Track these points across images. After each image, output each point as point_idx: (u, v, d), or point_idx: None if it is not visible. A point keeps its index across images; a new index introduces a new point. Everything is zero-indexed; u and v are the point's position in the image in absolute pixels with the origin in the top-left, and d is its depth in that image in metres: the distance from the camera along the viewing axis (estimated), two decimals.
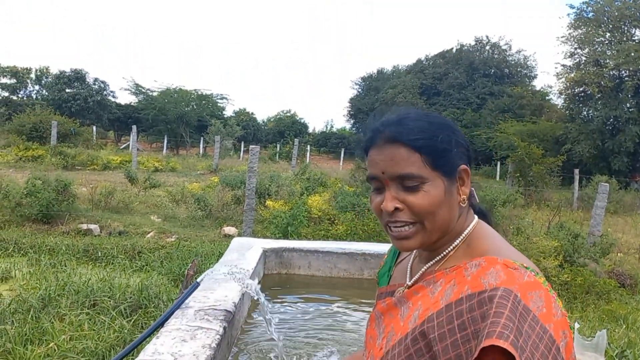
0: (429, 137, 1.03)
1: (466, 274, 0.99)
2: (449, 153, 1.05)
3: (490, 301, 0.89)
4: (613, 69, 28.06)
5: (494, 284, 0.92)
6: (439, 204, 1.03)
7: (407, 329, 1.02)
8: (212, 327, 2.38)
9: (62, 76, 37.35)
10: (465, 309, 0.92)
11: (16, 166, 15.78)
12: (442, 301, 0.98)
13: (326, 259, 4.42)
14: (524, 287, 0.91)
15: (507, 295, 0.89)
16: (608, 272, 7.48)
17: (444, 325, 0.93)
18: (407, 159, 1.03)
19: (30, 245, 7.21)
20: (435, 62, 46.43)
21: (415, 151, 1.03)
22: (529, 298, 0.90)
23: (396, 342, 1.03)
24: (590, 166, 27.52)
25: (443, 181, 1.04)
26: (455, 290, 0.97)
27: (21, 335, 3.47)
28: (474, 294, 0.92)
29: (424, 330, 0.96)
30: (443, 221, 1.05)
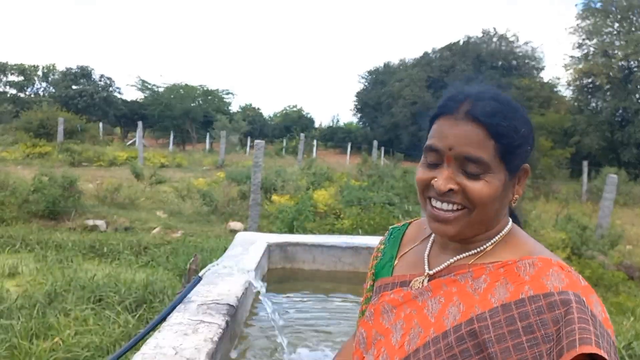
0: (511, 128, 0.97)
1: (521, 273, 0.93)
2: (521, 149, 0.99)
3: (563, 305, 0.85)
4: (622, 59, 27.83)
5: (559, 287, 0.89)
6: (495, 197, 0.98)
7: (444, 327, 0.95)
8: (215, 321, 2.37)
9: (68, 73, 37.57)
10: (532, 311, 0.87)
11: (23, 163, 15.86)
12: (494, 300, 0.92)
13: (331, 253, 4.40)
14: (585, 292, 0.89)
15: (581, 300, 0.86)
16: (616, 264, 7.42)
17: (502, 326, 0.88)
18: (482, 142, 0.95)
19: (37, 241, 7.24)
20: (442, 54, 46.22)
21: (492, 137, 0.95)
22: (592, 302, 0.88)
23: (429, 340, 0.95)
24: (599, 158, 27.34)
25: (505, 175, 0.98)
26: (512, 290, 0.91)
27: (27, 330, 3.49)
28: (539, 296, 0.88)
29: (474, 330, 0.90)
30: (490, 216, 1.00)
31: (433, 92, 43.22)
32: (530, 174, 1.04)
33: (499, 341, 0.87)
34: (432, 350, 0.94)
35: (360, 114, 53.70)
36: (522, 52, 44.40)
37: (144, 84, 37.66)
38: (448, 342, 0.92)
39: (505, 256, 0.99)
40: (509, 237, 1.04)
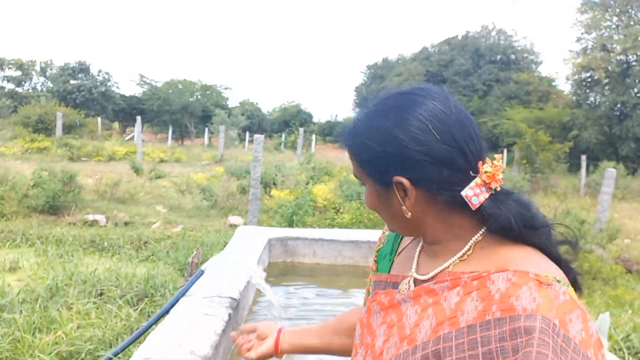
0: (355, 144, 1.02)
1: (492, 289, 0.88)
2: (371, 164, 0.99)
3: (527, 334, 0.80)
4: (620, 53, 27.82)
5: (528, 308, 0.82)
6: (374, 206, 1.04)
7: (415, 341, 0.93)
8: (217, 313, 2.39)
9: (66, 68, 37.48)
10: (494, 337, 0.83)
11: (22, 158, 15.85)
12: (462, 319, 0.88)
13: (331, 247, 4.43)
14: (561, 311, 0.82)
15: (547, 327, 0.79)
16: (615, 258, 7.46)
17: (465, 349, 0.85)
18: (353, 163, 1.05)
19: (37, 236, 7.25)
20: (441, 49, 46.15)
21: (351, 156, 1.04)
22: (568, 323, 0.81)
23: (401, 352, 0.94)
24: (597, 152, 27.37)
25: (376, 188, 1.01)
26: (479, 309, 0.87)
27: (29, 324, 3.50)
28: (505, 319, 0.83)
29: (438, 350, 0.88)
30: (392, 222, 1.04)
31: None
32: (407, 184, 0.95)
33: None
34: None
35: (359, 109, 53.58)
36: (521, 46, 44.35)
37: (142, 78, 37.61)
38: (415, 358, 0.91)
39: (485, 265, 0.94)
40: (487, 243, 0.97)
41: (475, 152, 0.95)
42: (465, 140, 0.94)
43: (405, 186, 0.95)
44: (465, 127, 0.95)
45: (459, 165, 0.93)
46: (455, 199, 0.93)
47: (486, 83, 41.04)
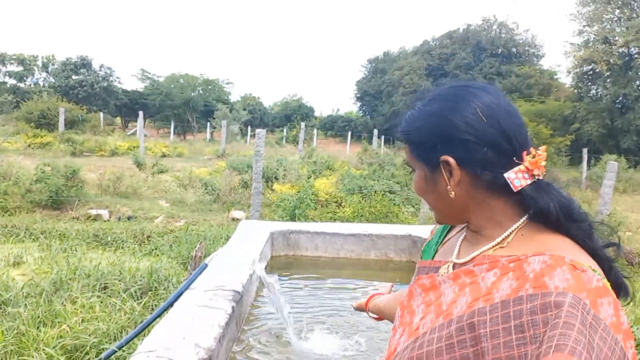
0: (409, 129, 1.08)
1: (527, 269, 0.92)
2: (422, 145, 1.06)
3: (556, 307, 0.83)
4: (622, 46, 27.70)
5: (560, 287, 0.85)
6: (422, 190, 1.10)
7: (450, 315, 0.98)
8: (221, 306, 2.42)
9: (68, 63, 37.45)
10: (526, 310, 0.87)
11: (25, 153, 15.88)
12: (497, 295, 0.93)
13: (333, 240, 4.45)
14: (593, 294, 0.85)
15: (577, 303, 0.83)
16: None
17: (498, 322, 0.89)
18: (406, 150, 1.12)
19: (41, 230, 7.29)
20: (442, 42, 46.03)
21: (404, 142, 1.11)
22: (599, 306, 0.84)
23: (436, 325, 0.99)
24: (599, 145, 27.33)
25: (424, 170, 1.07)
26: (514, 287, 0.91)
27: (34, 318, 3.53)
28: (537, 295, 0.87)
29: (473, 323, 0.92)
30: (437, 206, 1.09)
31: (433, 80, 43.08)
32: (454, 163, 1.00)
33: (492, 337, 0.89)
34: (435, 335, 0.97)
35: (360, 103, 53.60)
36: (522, 39, 44.22)
37: (144, 73, 37.60)
38: (449, 331, 0.95)
39: (523, 250, 0.98)
40: (528, 231, 1.00)
41: (520, 142, 1.01)
42: (510, 128, 1.00)
43: (451, 165, 1.00)
44: (512, 117, 1.02)
45: (503, 149, 0.98)
46: (497, 180, 0.98)
47: (487, 76, 40.93)
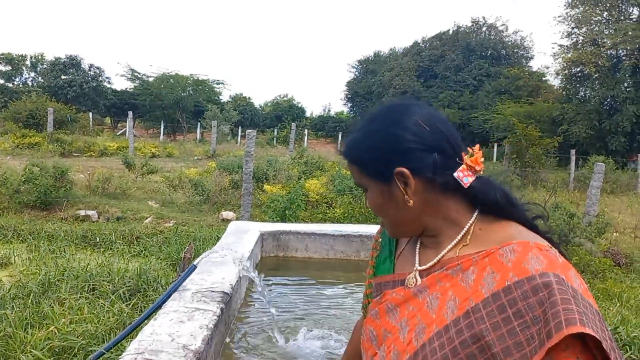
0: (357, 150, 1.14)
1: (504, 260, 0.99)
2: (373, 164, 1.11)
3: (546, 287, 0.91)
4: (610, 48, 27.97)
5: (539, 269, 0.94)
6: (379, 205, 1.13)
7: (445, 321, 1.01)
8: (210, 308, 2.41)
9: (57, 63, 37.14)
10: (518, 297, 0.93)
11: (13, 153, 15.74)
12: (484, 290, 0.98)
13: (323, 241, 4.46)
14: (564, 269, 0.95)
15: (560, 280, 0.92)
16: (603, 251, 7.54)
17: (495, 314, 0.94)
18: (353, 170, 1.16)
19: (29, 231, 7.23)
20: (432, 44, 46.20)
21: (353, 164, 1.15)
22: (571, 278, 0.94)
23: (433, 334, 1.02)
24: (587, 147, 27.56)
25: (379, 187, 1.11)
26: (498, 279, 0.98)
27: (22, 320, 3.50)
28: (522, 281, 0.94)
29: (471, 322, 0.97)
30: (397, 218, 1.13)
31: (423, 82, 43.27)
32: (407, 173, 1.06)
33: (494, 329, 0.93)
34: (436, 344, 1.00)
35: (351, 104, 53.63)
36: (511, 41, 44.50)
37: (134, 73, 37.33)
38: (450, 335, 0.98)
39: (488, 244, 1.04)
40: (483, 224, 1.08)
41: (459, 144, 1.11)
42: (449, 132, 1.10)
43: (406, 175, 1.07)
44: (447, 124, 1.12)
45: (447, 152, 1.08)
46: (448, 182, 1.07)
47: (477, 78, 41.18)
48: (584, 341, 0.88)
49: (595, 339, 0.86)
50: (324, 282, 3.77)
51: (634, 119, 26.50)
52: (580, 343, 0.88)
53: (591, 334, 0.86)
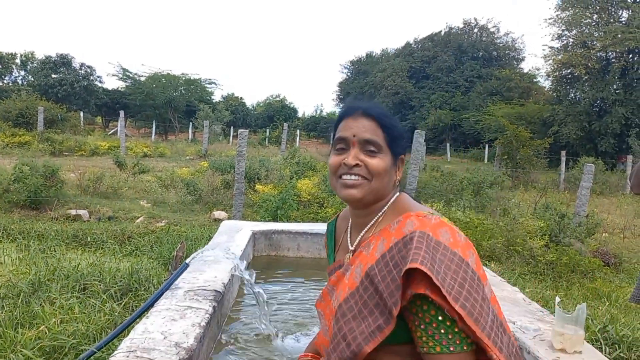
0: (392, 122, 1.39)
1: (390, 230, 1.31)
2: (400, 140, 1.40)
3: (410, 241, 1.22)
4: (600, 50, 28.17)
5: (411, 229, 1.25)
6: (386, 171, 1.37)
7: (355, 284, 1.32)
8: (202, 306, 2.41)
9: (47, 61, 36.87)
10: (395, 252, 1.24)
11: (3, 152, 15.61)
12: (377, 254, 1.29)
13: (315, 240, 4.46)
14: (434, 227, 1.25)
15: (422, 235, 1.22)
16: (593, 251, 7.59)
17: (383, 269, 1.25)
18: (374, 130, 1.37)
19: (19, 231, 7.17)
20: (424, 45, 46.36)
21: (380, 127, 1.37)
22: (439, 234, 1.24)
23: (347, 295, 1.32)
24: (577, 148, 27.75)
25: (390, 158, 1.39)
26: (386, 243, 1.28)
27: (11, 319, 3.47)
28: (399, 241, 1.25)
29: (371, 279, 1.27)
30: (383, 186, 1.39)
31: (415, 83, 43.37)
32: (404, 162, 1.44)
33: (383, 280, 1.24)
34: (352, 302, 1.30)
35: (342, 104, 53.69)
36: (503, 42, 44.76)
37: (125, 72, 37.14)
38: (360, 293, 1.29)
39: (391, 219, 1.37)
40: (396, 204, 1.41)
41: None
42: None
43: (403, 162, 1.43)
44: None
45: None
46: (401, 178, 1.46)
47: (468, 79, 41.35)
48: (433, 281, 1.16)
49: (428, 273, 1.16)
50: (316, 281, 3.78)
51: (623, 120, 26.71)
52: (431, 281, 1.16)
53: (421, 268, 1.16)
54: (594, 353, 2.09)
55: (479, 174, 11.70)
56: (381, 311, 1.23)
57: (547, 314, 2.58)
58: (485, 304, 1.22)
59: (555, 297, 2.20)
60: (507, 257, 6.81)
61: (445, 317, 1.18)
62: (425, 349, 1.20)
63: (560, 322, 2.08)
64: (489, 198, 10.32)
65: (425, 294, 1.16)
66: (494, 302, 1.28)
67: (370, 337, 1.23)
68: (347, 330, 1.27)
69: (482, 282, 1.24)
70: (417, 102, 41.82)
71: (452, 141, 36.89)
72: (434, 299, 1.16)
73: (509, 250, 6.85)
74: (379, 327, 1.22)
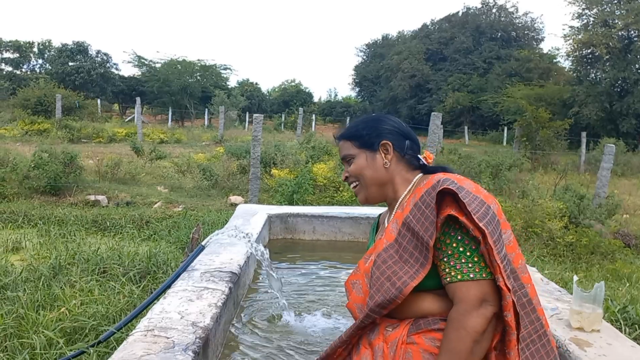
0: (352, 130, 1.68)
1: (422, 186, 1.48)
2: (367, 137, 1.64)
3: (438, 183, 1.41)
4: (622, 29, 27.51)
5: (438, 178, 1.43)
6: (363, 167, 1.63)
7: (392, 237, 1.49)
8: (218, 287, 2.43)
9: (64, 49, 37.13)
10: (426, 196, 1.41)
11: (22, 140, 15.83)
12: (411, 205, 1.46)
13: (330, 223, 4.46)
14: (458, 178, 1.45)
15: (449, 178, 1.42)
16: (613, 232, 7.50)
17: (416, 213, 1.42)
18: (345, 146, 1.68)
19: (39, 216, 7.28)
20: (441, 26, 45.68)
21: (347, 140, 1.68)
22: (463, 182, 1.43)
23: (386, 246, 1.49)
24: (598, 129, 27.27)
25: (366, 154, 1.63)
26: (417, 196, 1.45)
27: (33, 302, 3.54)
28: (429, 188, 1.42)
29: (407, 225, 1.44)
30: (371, 178, 1.62)
31: (432, 65, 42.85)
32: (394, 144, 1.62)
33: (417, 221, 1.41)
34: (391, 251, 1.47)
35: (358, 88, 53.39)
36: (522, 23, 43.89)
37: (141, 59, 37.26)
38: (399, 241, 1.46)
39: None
40: (421, 182, 1.56)
41: (418, 146, 1.68)
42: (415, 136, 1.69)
43: (388, 145, 1.62)
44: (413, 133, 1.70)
45: (415, 144, 1.67)
46: (413, 160, 1.64)
47: (487, 61, 40.70)
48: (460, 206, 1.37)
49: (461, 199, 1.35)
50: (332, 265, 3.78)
51: None
52: (457, 204, 1.37)
53: (450, 188, 1.37)
54: (613, 332, 2.06)
55: (498, 157, 11.57)
56: (420, 251, 1.40)
57: (565, 293, 2.56)
58: (500, 242, 1.37)
59: (574, 276, 2.17)
60: (526, 238, 6.75)
61: (465, 248, 1.36)
62: (448, 279, 1.37)
63: (578, 300, 2.06)
64: (507, 180, 10.21)
65: (453, 214, 1.35)
66: (511, 250, 1.44)
67: (415, 274, 1.39)
68: (390, 273, 1.43)
69: (500, 225, 1.40)
70: (434, 85, 41.33)
71: (470, 124, 36.47)
72: (459, 217, 1.34)
73: (527, 232, 6.79)
74: (422, 264, 1.39)
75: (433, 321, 1.43)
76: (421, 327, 1.43)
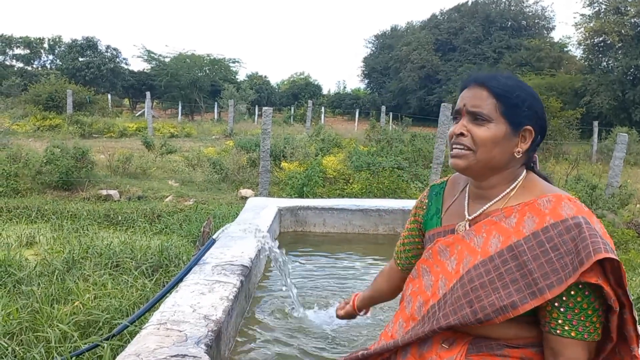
0: (507, 90, 1.31)
1: (541, 208, 1.26)
2: (518, 109, 1.31)
3: (577, 227, 1.19)
4: (634, 16, 27.12)
5: (571, 214, 1.22)
6: (494, 142, 1.31)
7: (489, 253, 1.28)
8: (230, 280, 2.44)
9: (74, 45, 37.35)
10: (554, 234, 1.21)
11: (34, 135, 15.96)
12: (526, 230, 1.25)
13: (341, 216, 4.47)
14: (589, 215, 1.23)
15: (587, 222, 1.19)
16: (626, 222, 7.43)
17: (535, 248, 1.22)
18: (484, 99, 1.32)
19: (52, 211, 7.35)
20: (450, 16, 45.30)
21: (492, 96, 1.31)
22: (595, 222, 1.22)
23: (478, 262, 1.29)
24: (610, 118, 26.97)
25: (507, 128, 1.31)
26: (537, 222, 1.24)
27: (47, 296, 3.58)
28: (558, 223, 1.21)
29: (514, 254, 1.24)
30: (492, 157, 1.32)
31: (441, 55, 42.54)
32: (534, 136, 1.33)
33: (535, 259, 1.21)
34: (482, 270, 1.27)
35: (367, 80, 53.15)
36: (532, 11, 43.42)
37: (150, 54, 37.36)
38: (495, 263, 1.26)
39: (526, 198, 1.32)
40: (526, 183, 1.36)
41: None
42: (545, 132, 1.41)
43: (532, 133, 1.33)
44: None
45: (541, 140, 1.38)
46: (530, 158, 1.38)
47: (497, 50, 40.33)
48: (603, 267, 1.16)
49: (612, 263, 1.14)
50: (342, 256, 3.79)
51: None
52: (601, 268, 1.15)
53: (614, 257, 1.14)
54: None
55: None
56: (518, 288, 1.22)
57: None
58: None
59: None
60: None
61: (594, 311, 1.20)
62: (558, 330, 1.21)
63: None
64: None
65: (599, 284, 1.15)
66: None
67: (501, 311, 1.22)
68: (473, 297, 1.27)
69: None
70: (443, 76, 41.04)
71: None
72: (604, 288, 1.16)
73: None
74: (513, 304, 1.21)
75: (497, 346, 1.29)
76: (482, 350, 1.30)
